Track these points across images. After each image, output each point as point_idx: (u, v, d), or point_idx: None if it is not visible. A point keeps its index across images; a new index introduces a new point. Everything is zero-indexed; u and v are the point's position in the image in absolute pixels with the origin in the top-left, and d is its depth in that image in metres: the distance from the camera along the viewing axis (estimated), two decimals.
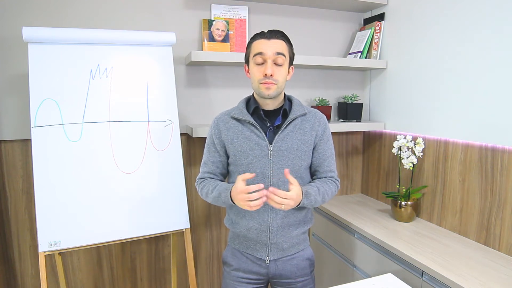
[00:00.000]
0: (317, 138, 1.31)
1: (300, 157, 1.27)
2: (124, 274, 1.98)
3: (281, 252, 1.31)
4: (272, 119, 1.29)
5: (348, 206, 2.11)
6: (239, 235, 1.35)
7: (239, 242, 1.35)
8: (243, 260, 1.35)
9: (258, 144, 1.25)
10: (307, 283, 1.37)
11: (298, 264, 1.34)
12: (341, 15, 2.21)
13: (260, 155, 1.25)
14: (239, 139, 1.27)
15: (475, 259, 1.42)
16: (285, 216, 1.29)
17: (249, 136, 1.26)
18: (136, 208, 1.57)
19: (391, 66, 2.07)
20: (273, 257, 1.31)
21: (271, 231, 1.28)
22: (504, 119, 1.44)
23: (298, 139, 1.27)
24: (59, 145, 1.47)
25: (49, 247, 1.43)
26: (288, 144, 1.25)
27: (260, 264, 1.33)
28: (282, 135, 1.25)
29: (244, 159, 1.26)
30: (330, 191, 1.30)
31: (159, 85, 1.64)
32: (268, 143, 1.25)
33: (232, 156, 1.30)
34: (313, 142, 1.30)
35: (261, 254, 1.31)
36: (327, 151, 1.33)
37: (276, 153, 1.25)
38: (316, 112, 1.34)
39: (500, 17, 1.43)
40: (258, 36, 1.23)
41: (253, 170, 1.25)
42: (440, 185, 1.77)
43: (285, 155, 1.25)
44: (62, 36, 1.47)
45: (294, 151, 1.26)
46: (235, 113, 1.29)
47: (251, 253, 1.33)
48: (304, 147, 1.27)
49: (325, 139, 1.33)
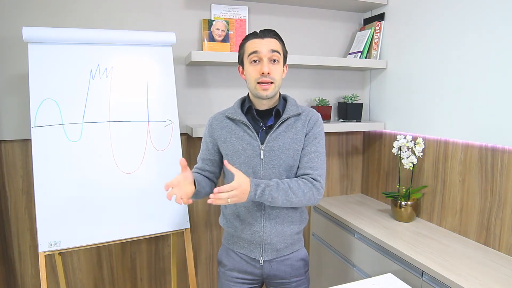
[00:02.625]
0: (305, 135, 1.28)
1: (292, 157, 1.26)
2: (124, 274, 1.98)
3: (275, 252, 1.31)
4: (265, 119, 1.29)
5: (348, 206, 2.11)
6: (233, 235, 1.35)
7: (233, 242, 1.35)
8: (238, 260, 1.35)
9: (250, 144, 1.25)
10: (302, 283, 1.37)
11: (293, 265, 1.34)
12: (341, 15, 2.21)
13: (252, 155, 1.25)
14: (232, 139, 1.27)
15: (475, 259, 1.42)
16: (278, 216, 1.28)
17: (241, 136, 1.26)
18: (136, 208, 1.57)
19: (391, 66, 2.07)
20: (267, 257, 1.31)
21: (264, 231, 1.28)
22: (504, 119, 1.44)
23: (290, 139, 1.25)
24: (59, 145, 1.47)
25: (49, 247, 1.43)
26: (280, 144, 1.24)
27: (254, 264, 1.33)
28: (274, 135, 1.25)
29: (236, 158, 1.26)
30: (299, 190, 1.19)
31: (159, 85, 1.64)
32: (260, 143, 1.25)
33: (225, 155, 1.30)
34: (304, 141, 1.29)
35: (255, 255, 1.31)
36: (310, 147, 1.26)
37: (268, 153, 1.24)
38: (310, 111, 1.31)
39: (500, 17, 1.43)
40: (251, 36, 1.23)
41: (245, 169, 1.25)
42: (440, 185, 1.77)
43: (277, 155, 1.24)
44: (62, 36, 1.47)
45: (286, 151, 1.25)
46: (229, 113, 1.29)
47: (245, 253, 1.33)
48: (296, 147, 1.26)
49: (311, 135, 1.27)
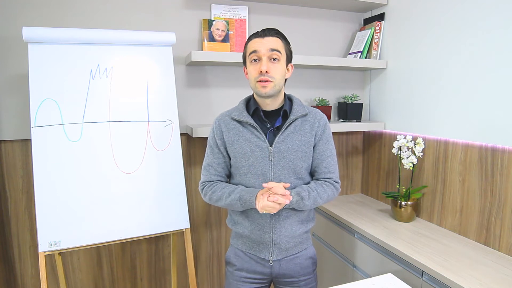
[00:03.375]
0: (316, 138, 1.30)
1: (301, 158, 1.27)
2: (124, 274, 1.98)
3: (284, 252, 1.31)
4: (272, 120, 1.28)
5: (348, 206, 2.11)
6: (242, 235, 1.35)
7: (242, 242, 1.35)
8: (246, 260, 1.34)
9: (258, 146, 1.25)
10: (310, 282, 1.37)
11: (302, 263, 1.35)
12: (341, 15, 2.21)
13: (261, 156, 1.25)
14: (240, 141, 1.27)
15: (475, 259, 1.42)
16: (287, 217, 1.29)
17: (249, 138, 1.26)
18: (136, 208, 1.57)
19: (391, 66, 2.07)
20: (277, 257, 1.31)
21: (274, 232, 1.28)
22: (504, 119, 1.44)
23: (299, 140, 1.26)
24: (59, 145, 1.47)
25: (49, 247, 1.43)
26: (289, 145, 1.25)
27: (263, 264, 1.33)
28: (282, 136, 1.25)
29: (245, 160, 1.26)
30: (325, 194, 1.28)
31: (159, 85, 1.64)
32: (268, 145, 1.24)
33: (233, 157, 1.30)
34: (313, 143, 1.30)
35: (264, 255, 1.31)
36: (326, 151, 1.31)
37: (277, 154, 1.24)
38: (317, 112, 1.33)
39: (500, 17, 1.43)
40: (253, 36, 1.23)
41: (254, 171, 1.25)
42: (440, 185, 1.77)
43: (286, 157, 1.25)
44: (62, 36, 1.47)
45: (294, 152, 1.25)
46: (235, 115, 1.29)
47: (254, 254, 1.33)
48: (304, 148, 1.27)
49: (325, 139, 1.31)
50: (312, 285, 1.38)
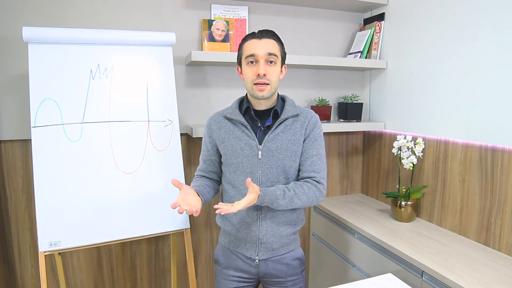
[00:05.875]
0: (305, 136, 1.29)
1: (290, 158, 1.27)
2: (124, 274, 1.98)
3: (270, 252, 1.32)
4: (263, 120, 1.29)
5: (348, 206, 2.11)
6: (229, 233, 1.36)
7: (229, 240, 1.36)
8: (233, 258, 1.35)
9: (248, 144, 1.26)
10: (298, 282, 1.37)
11: (288, 264, 1.35)
12: (341, 15, 2.21)
13: (250, 155, 1.25)
14: (230, 139, 1.28)
15: (475, 259, 1.42)
16: (274, 216, 1.29)
17: (239, 136, 1.27)
18: (136, 208, 1.57)
19: (391, 66, 2.07)
20: (263, 256, 1.31)
21: (260, 230, 1.29)
22: (504, 119, 1.44)
23: (288, 139, 1.26)
24: (59, 145, 1.47)
25: (49, 247, 1.43)
26: (278, 144, 1.25)
27: (250, 263, 1.33)
28: (272, 135, 1.25)
29: (234, 158, 1.27)
30: (304, 195, 1.23)
31: (159, 85, 1.64)
32: (258, 143, 1.25)
33: (224, 155, 1.31)
34: (303, 142, 1.29)
35: (250, 253, 1.32)
36: (311, 149, 1.28)
37: (266, 153, 1.25)
38: (309, 112, 1.33)
39: (500, 17, 1.43)
40: (249, 36, 1.23)
41: (243, 169, 1.26)
42: (440, 185, 1.77)
43: (275, 155, 1.25)
44: (62, 36, 1.47)
45: (283, 151, 1.26)
46: (228, 113, 1.30)
47: (241, 252, 1.34)
48: (294, 147, 1.27)
49: (312, 137, 1.29)
50: (300, 286, 1.38)
